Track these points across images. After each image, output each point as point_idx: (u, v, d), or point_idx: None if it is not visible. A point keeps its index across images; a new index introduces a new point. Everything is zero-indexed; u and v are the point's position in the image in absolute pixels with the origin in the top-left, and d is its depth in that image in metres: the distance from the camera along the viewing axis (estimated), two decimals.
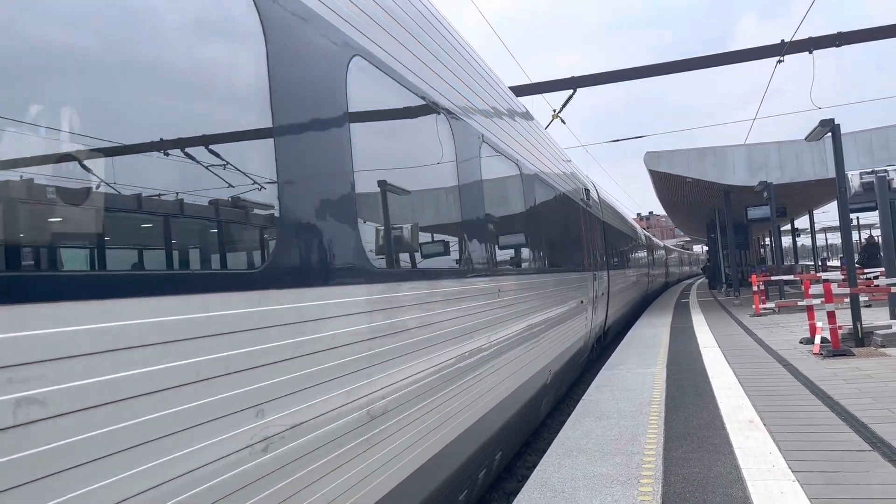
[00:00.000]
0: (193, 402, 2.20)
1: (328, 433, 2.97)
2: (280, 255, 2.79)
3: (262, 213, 2.80)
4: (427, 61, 4.75)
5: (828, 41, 16.41)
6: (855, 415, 6.38)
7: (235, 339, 2.43)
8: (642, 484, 4.83)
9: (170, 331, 2.13)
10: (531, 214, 7.90)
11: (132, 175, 2.15)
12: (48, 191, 1.88)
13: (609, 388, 8.65)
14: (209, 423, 2.26)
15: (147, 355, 2.04)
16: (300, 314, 2.84)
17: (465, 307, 4.97)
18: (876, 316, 13.78)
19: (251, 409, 2.47)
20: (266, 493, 2.52)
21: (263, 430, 2.53)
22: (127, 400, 1.96)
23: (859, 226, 54.38)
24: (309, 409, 2.83)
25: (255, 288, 2.58)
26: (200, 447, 2.21)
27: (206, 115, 2.54)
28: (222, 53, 2.62)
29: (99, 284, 1.93)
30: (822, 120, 11.36)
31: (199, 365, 2.23)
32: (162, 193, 2.30)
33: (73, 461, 1.77)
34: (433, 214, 4.89)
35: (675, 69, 18.11)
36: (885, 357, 9.62)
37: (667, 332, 15.41)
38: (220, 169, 2.54)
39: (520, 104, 8.48)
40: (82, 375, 1.82)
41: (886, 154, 20.90)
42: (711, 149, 23.22)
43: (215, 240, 2.65)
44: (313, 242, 3.03)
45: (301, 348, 2.83)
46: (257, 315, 2.56)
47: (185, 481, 2.14)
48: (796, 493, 4.45)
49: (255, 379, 2.51)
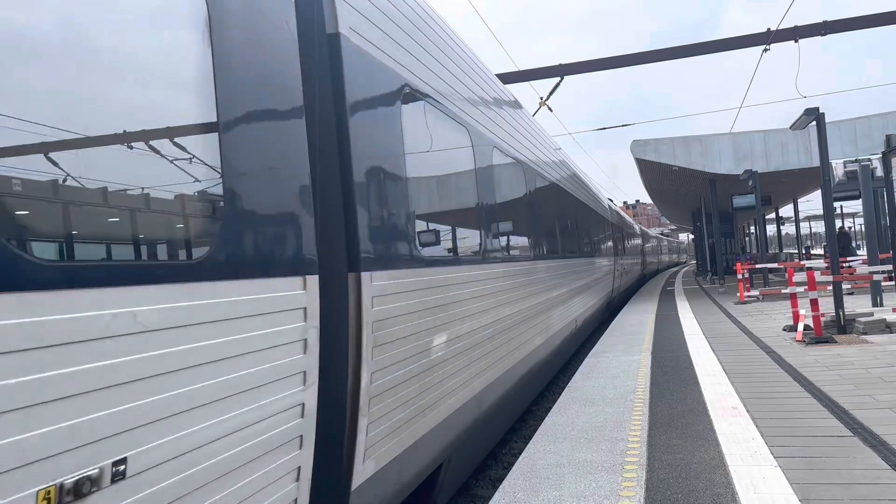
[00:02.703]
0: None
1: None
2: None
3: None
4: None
5: (813, 30, 16.45)
6: (836, 401, 6.46)
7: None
8: (627, 470, 4.86)
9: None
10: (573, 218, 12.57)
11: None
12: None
13: (594, 376, 8.69)
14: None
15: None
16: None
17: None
18: (858, 303, 13.94)
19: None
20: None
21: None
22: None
23: (843, 214, 54.92)
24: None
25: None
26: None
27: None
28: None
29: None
30: (807, 109, 11.42)
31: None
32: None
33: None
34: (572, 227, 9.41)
35: (662, 57, 18.10)
36: (866, 344, 9.74)
37: (652, 319, 15.50)
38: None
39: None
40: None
41: (870, 143, 21.07)
42: (697, 137, 23.32)
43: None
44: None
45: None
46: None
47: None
48: (778, 478, 4.49)
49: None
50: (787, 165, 22.33)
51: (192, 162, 2.49)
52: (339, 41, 3.59)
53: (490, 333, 6.01)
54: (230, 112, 2.71)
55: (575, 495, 4.43)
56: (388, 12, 4.41)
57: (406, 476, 4.24)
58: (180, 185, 2.45)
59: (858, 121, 21.81)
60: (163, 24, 2.44)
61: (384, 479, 3.90)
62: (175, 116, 2.45)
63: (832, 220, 11.95)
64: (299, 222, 3.13)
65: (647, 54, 18.49)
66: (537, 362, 8.46)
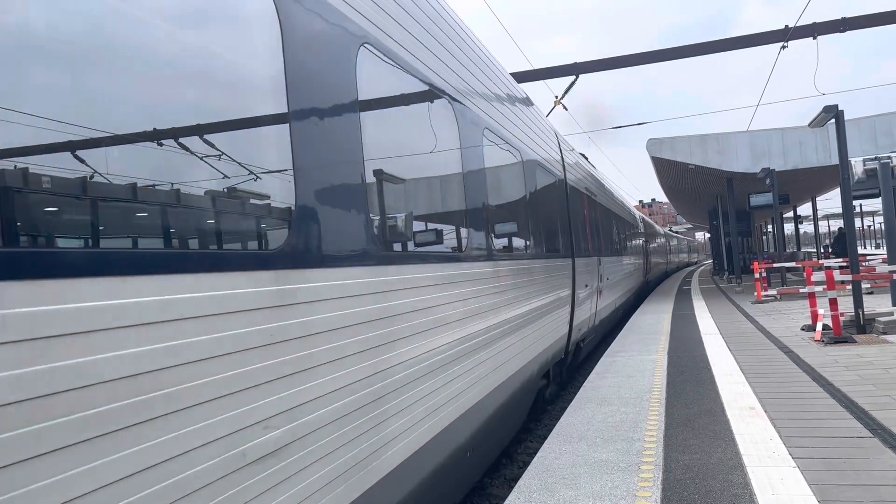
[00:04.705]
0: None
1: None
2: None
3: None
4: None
5: (832, 27, 16.27)
6: (856, 401, 6.39)
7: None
8: (643, 470, 4.85)
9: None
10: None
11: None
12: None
13: (610, 375, 8.66)
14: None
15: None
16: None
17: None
18: (878, 303, 13.78)
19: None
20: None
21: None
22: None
23: (862, 213, 54.18)
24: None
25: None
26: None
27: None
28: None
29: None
30: (826, 106, 11.31)
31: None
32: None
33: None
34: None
35: (678, 55, 17.98)
36: (886, 344, 9.62)
37: (668, 318, 15.42)
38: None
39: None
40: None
41: (890, 140, 20.79)
42: (714, 135, 23.12)
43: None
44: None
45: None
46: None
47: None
48: (796, 479, 4.46)
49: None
50: (806, 163, 22.09)
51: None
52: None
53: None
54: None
55: (591, 495, 4.42)
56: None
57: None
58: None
59: (878, 118, 21.53)
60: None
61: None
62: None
63: (851, 218, 11.83)
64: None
65: (663, 52, 18.37)
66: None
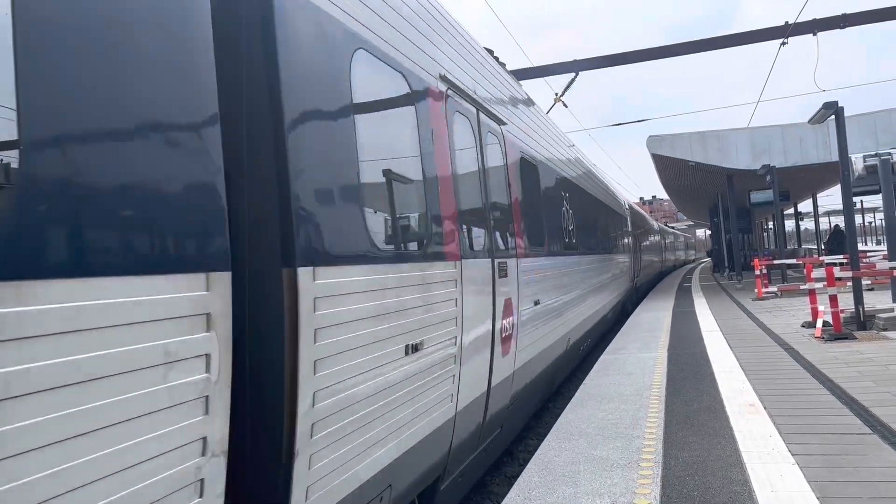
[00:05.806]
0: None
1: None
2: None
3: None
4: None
5: (832, 23, 16.24)
6: (856, 398, 6.39)
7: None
8: (642, 467, 4.85)
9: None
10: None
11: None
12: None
13: (610, 373, 8.67)
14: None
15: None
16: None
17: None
18: (878, 299, 13.77)
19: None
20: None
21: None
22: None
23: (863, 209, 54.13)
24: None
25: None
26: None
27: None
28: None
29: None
30: (826, 103, 11.30)
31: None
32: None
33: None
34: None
35: (678, 52, 17.96)
36: (886, 340, 9.62)
37: (668, 315, 15.42)
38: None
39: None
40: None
41: (890, 137, 20.78)
42: (714, 132, 23.12)
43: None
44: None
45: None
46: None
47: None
48: (796, 476, 4.46)
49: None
50: (806, 160, 22.08)
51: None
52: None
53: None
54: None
55: (590, 492, 4.43)
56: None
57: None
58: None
59: (878, 114, 21.51)
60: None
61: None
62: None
63: (852, 215, 11.82)
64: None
65: (663, 49, 18.34)
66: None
